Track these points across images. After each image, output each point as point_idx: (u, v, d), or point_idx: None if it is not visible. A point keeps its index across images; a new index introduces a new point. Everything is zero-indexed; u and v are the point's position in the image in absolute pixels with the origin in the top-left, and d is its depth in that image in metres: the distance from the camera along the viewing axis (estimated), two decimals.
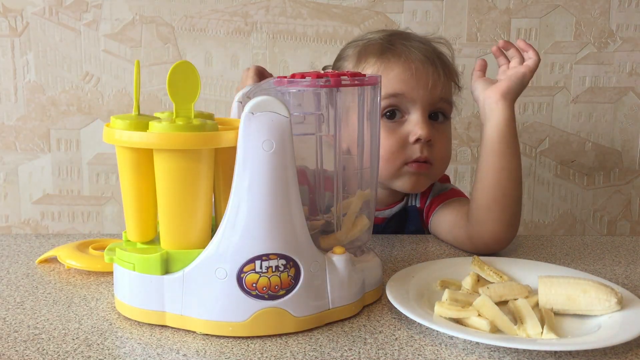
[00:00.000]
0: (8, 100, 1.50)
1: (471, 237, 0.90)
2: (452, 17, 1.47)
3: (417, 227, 1.04)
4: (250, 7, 1.47)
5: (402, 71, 0.95)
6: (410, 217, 1.04)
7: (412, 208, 1.05)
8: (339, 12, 1.47)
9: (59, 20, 1.48)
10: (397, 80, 0.95)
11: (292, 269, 0.62)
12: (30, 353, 0.59)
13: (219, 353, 0.59)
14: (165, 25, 1.48)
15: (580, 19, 1.47)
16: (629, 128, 1.51)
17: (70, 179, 1.53)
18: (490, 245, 0.89)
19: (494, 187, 0.88)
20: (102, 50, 1.49)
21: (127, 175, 0.65)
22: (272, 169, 0.60)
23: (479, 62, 0.97)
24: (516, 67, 0.92)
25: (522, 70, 0.91)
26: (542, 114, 1.50)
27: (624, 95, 1.50)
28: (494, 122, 0.89)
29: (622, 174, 1.53)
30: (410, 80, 0.95)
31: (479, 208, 0.89)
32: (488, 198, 0.89)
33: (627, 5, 1.46)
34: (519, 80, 0.90)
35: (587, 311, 0.66)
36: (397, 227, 1.04)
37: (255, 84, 0.91)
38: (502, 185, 0.88)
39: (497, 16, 1.46)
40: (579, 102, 1.50)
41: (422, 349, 0.60)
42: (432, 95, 0.95)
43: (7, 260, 0.85)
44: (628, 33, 1.47)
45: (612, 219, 1.55)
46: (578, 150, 1.52)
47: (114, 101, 1.51)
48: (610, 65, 1.48)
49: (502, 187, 0.88)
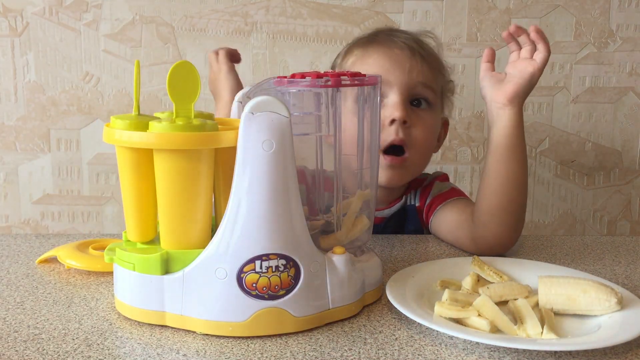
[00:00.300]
0: (8, 100, 1.50)
1: (474, 240, 0.89)
2: (452, 17, 1.47)
3: (417, 226, 1.04)
4: (250, 7, 1.47)
5: (380, 57, 0.97)
6: (410, 217, 1.04)
7: (411, 207, 1.04)
8: (339, 12, 1.47)
9: (59, 20, 1.48)
10: (375, 66, 0.97)
11: (292, 269, 0.62)
12: (30, 353, 0.59)
13: (219, 353, 0.59)
14: (165, 25, 1.48)
15: (580, 19, 1.47)
16: (629, 128, 1.51)
17: (70, 179, 1.53)
18: (494, 248, 0.88)
19: (499, 193, 0.87)
20: (102, 50, 1.49)
21: (127, 175, 0.65)
22: (272, 169, 0.60)
23: (487, 52, 0.92)
24: (525, 61, 0.88)
25: (529, 70, 0.87)
26: (542, 114, 1.50)
27: (624, 95, 1.50)
28: (499, 127, 0.87)
29: (622, 174, 1.53)
30: (388, 64, 0.96)
31: (483, 212, 0.89)
32: (493, 203, 0.88)
33: (627, 5, 1.46)
34: (527, 81, 0.87)
35: (587, 311, 0.66)
36: (396, 227, 1.04)
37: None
38: (507, 191, 0.87)
39: (497, 16, 1.46)
40: (579, 102, 1.50)
41: (422, 349, 0.60)
42: (410, 78, 0.95)
43: (7, 260, 0.85)
44: (628, 33, 1.47)
45: (612, 219, 1.55)
46: (578, 150, 1.52)
47: (114, 101, 1.51)
48: (610, 65, 1.48)
49: (507, 193, 0.87)
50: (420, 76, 0.97)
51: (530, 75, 0.87)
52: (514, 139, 0.86)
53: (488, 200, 0.88)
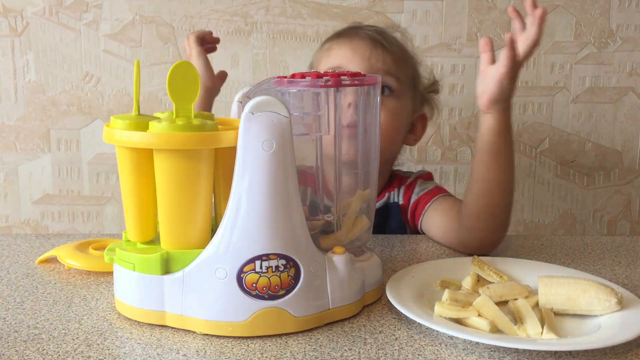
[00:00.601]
0: (8, 100, 1.50)
1: (462, 242, 0.91)
2: (452, 17, 1.47)
3: (399, 224, 1.04)
4: (250, 7, 1.47)
5: (342, 48, 1.01)
6: (392, 214, 1.05)
7: (394, 205, 1.05)
8: (339, 12, 1.47)
9: (59, 20, 1.48)
10: (338, 57, 1.01)
11: (292, 269, 0.62)
12: (30, 353, 0.59)
13: (219, 353, 0.59)
14: (165, 25, 1.48)
15: (580, 19, 1.47)
16: (629, 128, 1.51)
17: (70, 179, 1.53)
18: (481, 249, 0.89)
19: (483, 196, 0.88)
20: (102, 50, 1.49)
21: (127, 175, 0.65)
22: (272, 169, 0.60)
23: (483, 43, 0.87)
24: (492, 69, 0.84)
25: (496, 76, 0.83)
26: (542, 114, 1.50)
27: (624, 95, 1.50)
28: (482, 133, 0.87)
29: (622, 174, 1.53)
30: (349, 54, 1.00)
31: (469, 215, 0.89)
32: (477, 207, 0.89)
33: (627, 5, 1.46)
34: (497, 88, 0.83)
35: (587, 311, 0.66)
36: (378, 224, 1.04)
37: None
38: (491, 195, 0.88)
39: (497, 16, 1.46)
40: (579, 102, 1.50)
41: (422, 349, 0.60)
42: (370, 65, 0.98)
43: (7, 260, 0.85)
44: (628, 33, 1.47)
45: (612, 219, 1.55)
46: (578, 150, 1.52)
47: (114, 101, 1.51)
48: (610, 65, 1.48)
49: (491, 197, 0.88)
50: (380, 64, 0.99)
51: (498, 82, 0.83)
52: (496, 145, 0.86)
53: (473, 204, 0.89)
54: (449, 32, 1.47)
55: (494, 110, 0.85)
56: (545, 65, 1.48)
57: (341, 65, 0.99)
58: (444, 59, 1.48)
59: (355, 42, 1.01)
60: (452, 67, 1.48)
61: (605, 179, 1.53)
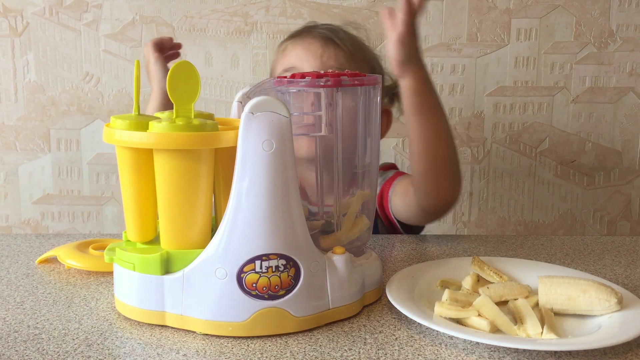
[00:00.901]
0: (8, 100, 1.50)
1: (424, 210, 0.91)
2: (452, 17, 1.47)
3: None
4: (250, 7, 1.47)
5: (295, 48, 1.02)
6: None
7: None
8: (339, 12, 1.47)
9: (59, 20, 1.48)
10: (292, 57, 1.02)
11: (292, 269, 0.62)
12: (30, 353, 0.59)
13: (219, 353, 0.59)
14: (165, 25, 1.48)
15: (580, 19, 1.47)
16: (629, 128, 1.51)
17: (70, 179, 1.53)
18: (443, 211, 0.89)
19: (424, 157, 0.88)
20: (102, 50, 1.49)
21: (127, 175, 0.65)
22: (272, 169, 0.60)
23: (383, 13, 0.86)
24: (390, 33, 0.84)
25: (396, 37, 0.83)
26: (542, 114, 1.50)
27: (624, 95, 1.50)
28: (404, 96, 0.87)
29: (622, 174, 1.53)
30: (302, 54, 1.01)
31: (419, 181, 0.90)
32: (423, 169, 0.88)
33: (627, 5, 1.46)
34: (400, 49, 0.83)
35: (587, 311, 0.66)
36: None
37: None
38: (431, 154, 0.87)
39: (497, 16, 1.46)
40: (579, 102, 1.50)
41: (422, 349, 0.60)
42: (322, 62, 0.99)
43: (7, 260, 0.85)
44: (628, 33, 1.47)
45: (612, 219, 1.55)
46: (578, 150, 1.52)
47: (114, 101, 1.51)
48: (610, 65, 1.48)
49: (432, 156, 0.87)
50: (332, 61, 1.00)
51: (399, 43, 0.83)
52: (420, 104, 0.86)
53: (418, 168, 0.89)
54: (449, 32, 1.47)
55: (408, 72, 0.85)
56: (545, 65, 1.48)
57: (295, 65, 1.00)
58: (444, 59, 1.48)
59: (307, 41, 1.03)
60: (452, 67, 1.48)
61: (605, 179, 1.53)
